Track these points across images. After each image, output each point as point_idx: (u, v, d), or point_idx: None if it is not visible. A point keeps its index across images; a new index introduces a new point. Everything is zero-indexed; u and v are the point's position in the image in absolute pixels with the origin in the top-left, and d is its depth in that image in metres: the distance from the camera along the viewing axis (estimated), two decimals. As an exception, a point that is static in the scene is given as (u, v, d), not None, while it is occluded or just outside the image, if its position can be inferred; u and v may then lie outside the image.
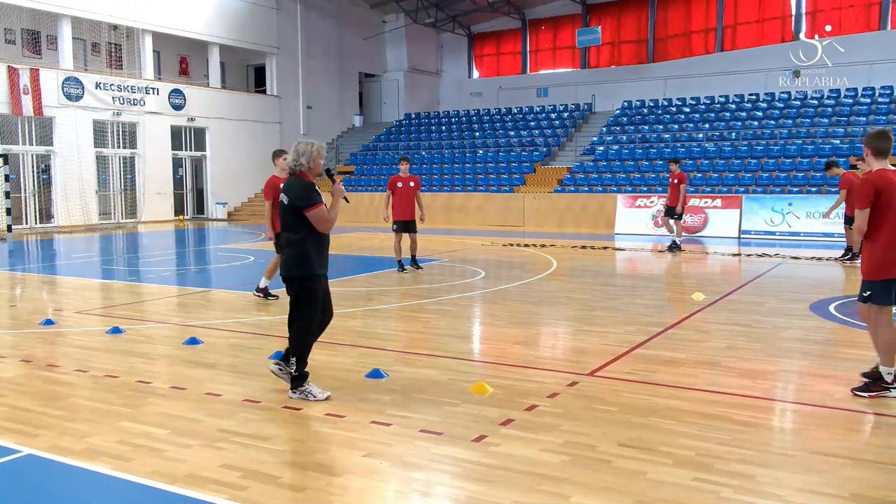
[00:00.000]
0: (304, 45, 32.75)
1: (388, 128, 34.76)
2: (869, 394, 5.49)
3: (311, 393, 5.42)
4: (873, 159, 5.55)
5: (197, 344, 7.27)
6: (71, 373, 6.26)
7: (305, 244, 5.32)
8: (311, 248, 5.33)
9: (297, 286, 5.39)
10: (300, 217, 5.30)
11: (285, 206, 5.35)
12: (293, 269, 5.36)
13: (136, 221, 26.42)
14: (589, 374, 6.13)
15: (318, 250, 5.38)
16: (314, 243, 5.35)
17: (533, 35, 36.97)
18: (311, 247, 5.33)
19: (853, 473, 4.13)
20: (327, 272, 5.50)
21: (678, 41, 32.92)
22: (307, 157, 5.38)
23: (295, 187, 5.33)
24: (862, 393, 5.51)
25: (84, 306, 9.63)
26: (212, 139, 29.50)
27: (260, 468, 4.18)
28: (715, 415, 5.08)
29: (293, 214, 5.33)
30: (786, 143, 23.17)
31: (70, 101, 24.42)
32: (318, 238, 5.37)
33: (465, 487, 3.94)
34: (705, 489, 3.88)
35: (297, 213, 5.30)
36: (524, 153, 27.96)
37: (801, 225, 19.42)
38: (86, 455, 4.37)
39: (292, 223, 5.35)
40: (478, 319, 9.03)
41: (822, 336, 7.71)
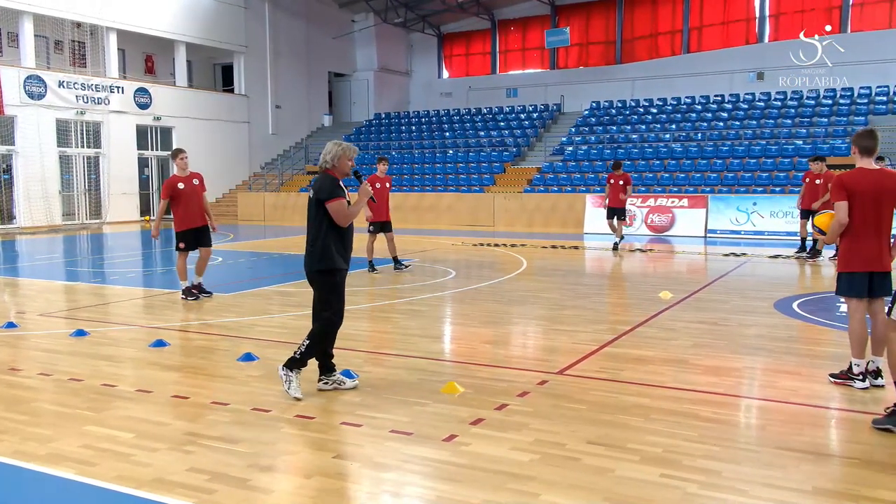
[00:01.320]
0: (272, 43, 32.48)
1: (357, 127, 34.63)
2: (836, 379, 5.83)
3: (292, 384, 5.46)
4: (859, 157, 5.71)
5: (163, 346, 7.17)
6: (34, 376, 6.14)
7: (327, 239, 5.49)
8: (332, 243, 5.50)
9: (320, 279, 5.55)
10: (322, 210, 5.48)
11: (311, 200, 5.56)
12: (316, 263, 5.53)
13: (100, 222, 25.97)
14: (558, 372, 6.17)
15: (341, 245, 5.54)
16: (335, 238, 5.51)
17: (502, 35, 37.10)
18: (332, 241, 5.50)
19: (815, 468, 4.22)
20: (348, 267, 5.64)
21: (645, 42, 33.28)
22: (332, 156, 5.59)
23: (319, 182, 5.57)
24: (833, 378, 5.87)
25: (47, 308, 9.45)
26: (179, 139, 29.07)
27: (228, 471, 4.15)
28: (681, 412, 5.15)
29: (316, 208, 5.52)
30: (750, 144, 23.56)
31: (32, 99, 23.92)
32: (339, 233, 5.52)
33: (436, 487, 3.95)
34: (672, 485, 3.93)
35: (320, 206, 5.49)
36: (494, 153, 28.05)
37: (765, 224, 19.76)
38: (49, 460, 4.30)
39: (315, 217, 5.54)
40: (448, 319, 9.04)
41: (786, 333, 7.85)
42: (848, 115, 23.91)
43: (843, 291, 5.76)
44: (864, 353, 5.68)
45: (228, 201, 30.48)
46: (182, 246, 9.95)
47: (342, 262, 5.56)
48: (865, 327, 5.70)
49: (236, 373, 6.24)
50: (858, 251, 5.61)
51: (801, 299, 9.76)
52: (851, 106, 24.56)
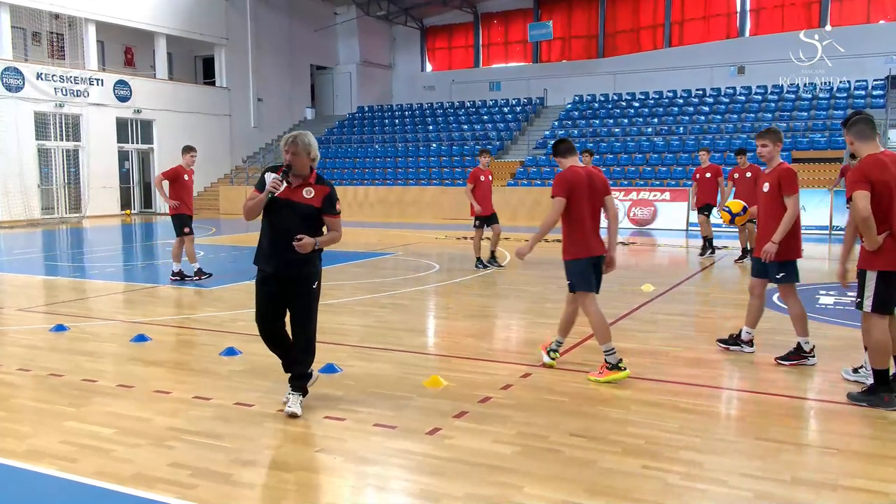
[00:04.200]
0: (254, 36, 32.24)
1: (340, 121, 34.49)
2: (789, 362, 6.16)
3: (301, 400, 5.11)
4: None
5: (145, 341, 7.12)
6: (13, 372, 6.08)
7: (260, 235, 5.10)
8: (261, 240, 5.09)
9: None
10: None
11: None
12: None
13: (80, 216, 25.69)
14: (541, 365, 6.20)
15: (265, 243, 5.02)
16: (263, 234, 5.08)
17: (485, 29, 37.06)
18: (261, 238, 5.09)
19: (794, 458, 4.27)
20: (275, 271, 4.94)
21: (627, 37, 33.38)
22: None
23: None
24: (783, 361, 6.19)
25: (26, 303, 9.35)
26: (159, 132, 28.83)
27: (210, 466, 4.13)
28: (662, 403, 5.19)
29: None
30: (731, 138, 23.72)
31: (10, 91, 23.60)
32: (265, 230, 5.05)
33: (419, 480, 3.96)
34: (653, 476, 3.97)
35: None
36: (477, 147, 28.04)
37: (746, 217, 19.89)
38: (29, 457, 4.25)
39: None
40: (432, 313, 9.04)
41: (765, 325, 7.91)
42: (827, 110, 24.14)
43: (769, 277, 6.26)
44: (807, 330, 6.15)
45: (210, 195, 30.26)
46: (187, 231, 10.98)
47: (262, 261, 5.02)
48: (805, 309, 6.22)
49: (218, 367, 6.21)
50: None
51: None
52: (831, 100, 24.79)
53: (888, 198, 4.97)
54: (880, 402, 5.03)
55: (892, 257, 4.97)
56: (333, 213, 5.02)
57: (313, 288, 5.04)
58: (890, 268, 4.98)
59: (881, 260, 4.99)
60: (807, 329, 6.15)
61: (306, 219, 4.94)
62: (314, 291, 5.06)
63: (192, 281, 10.83)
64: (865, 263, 5.09)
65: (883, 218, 4.96)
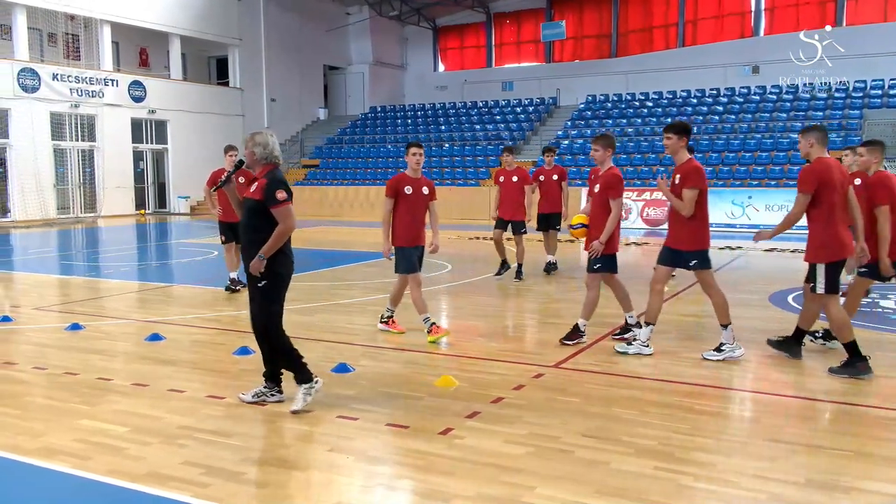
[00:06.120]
0: (266, 36, 32.36)
1: (353, 121, 34.56)
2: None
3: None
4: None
5: (159, 340, 7.16)
6: (28, 370, 6.13)
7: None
8: None
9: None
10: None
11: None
12: None
13: (95, 216, 25.89)
14: (553, 365, 6.18)
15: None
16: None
17: (497, 29, 37.02)
18: None
19: (808, 460, 4.24)
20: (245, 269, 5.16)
21: (640, 36, 33.24)
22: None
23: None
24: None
25: (42, 302, 9.43)
26: (173, 132, 29.01)
27: (222, 465, 4.15)
28: (675, 404, 5.16)
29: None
30: (745, 138, 23.58)
31: (26, 92, 23.81)
32: None
33: (430, 480, 3.95)
34: (665, 477, 3.95)
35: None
36: (490, 147, 28.02)
37: (760, 217, 19.80)
38: (43, 454, 4.29)
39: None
40: (444, 313, 9.04)
41: (780, 326, 7.86)
42: (843, 109, 23.94)
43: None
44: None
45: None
46: (222, 239, 10.03)
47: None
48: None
49: (231, 367, 6.24)
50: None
51: (796, 292, 9.78)
52: (846, 100, 24.59)
53: (832, 197, 5.81)
54: (857, 371, 5.74)
55: (835, 250, 5.86)
56: (274, 202, 4.94)
57: (259, 286, 5.07)
58: (834, 259, 5.88)
59: (827, 254, 5.88)
60: (590, 315, 6.85)
61: (252, 213, 5.05)
62: (264, 289, 5.07)
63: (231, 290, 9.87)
64: (814, 258, 5.96)
65: (828, 216, 5.83)
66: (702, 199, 6.30)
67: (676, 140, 6.46)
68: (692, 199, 6.25)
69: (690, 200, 6.25)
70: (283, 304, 5.19)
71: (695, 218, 6.32)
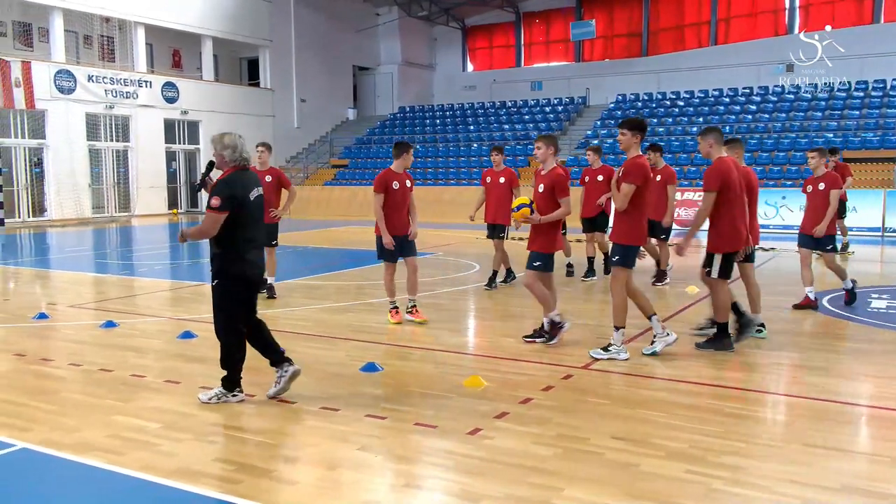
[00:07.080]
0: (296, 37, 32.61)
1: (381, 121, 34.68)
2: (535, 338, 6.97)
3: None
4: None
5: (191, 338, 7.25)
6: (64, 367, 6.25)
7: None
8: None
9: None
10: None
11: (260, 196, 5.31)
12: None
13: (129, 215, 26.32)
14: (583, 367, 6.15)
15: None
16: None
17: (527, 28, 36.90)
18: None
19: (842, 465, 4.16)
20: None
21: (671, 34, 32.89)
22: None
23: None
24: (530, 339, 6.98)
25: (77, 300, 9.60)
26: (205, 132, 29.33)
27: (253, 462, 4.19)
28: (706, 407, 5.10)
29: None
30: (779, 137, 23.21)
31: (62, 93, 24.28)
32: None
33: (458, 480, 3.95)
34: (697, 481, 3.90)
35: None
36: (518, 147, 27.92)
37: (794, 218, 19.44)
38: (77, 449, 4.37)
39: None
40: (472, 313, 9.04)
41: (814, 329, 7.74)
42: (880, 108, 23.46)
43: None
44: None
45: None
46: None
47: None
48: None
49: (262, 364, 6.28)
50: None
51: (831, 294, 9.61)
52: (883, 98, 24.09)
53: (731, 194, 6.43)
54: (723, 346, 6.50)
55: (731, 242, 6.55)
56: (207, 204, 5.06)
57: (212, 286, 5.22)
58: (730, 249, 6.57)
59: (724, 244, 6.54)
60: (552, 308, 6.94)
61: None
62: (215, 289, 5.20)
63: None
64: (713, 248, 6.61)
65: (727, 211, 6.45)
66: (638, 196, 6.37)
67: (630, 136, 6.63)
68: (627, 193, 6.32)
69: (625, 195, 6.32)
70: (235, 314, 5.24)
71: (628, 214, 6.39)
